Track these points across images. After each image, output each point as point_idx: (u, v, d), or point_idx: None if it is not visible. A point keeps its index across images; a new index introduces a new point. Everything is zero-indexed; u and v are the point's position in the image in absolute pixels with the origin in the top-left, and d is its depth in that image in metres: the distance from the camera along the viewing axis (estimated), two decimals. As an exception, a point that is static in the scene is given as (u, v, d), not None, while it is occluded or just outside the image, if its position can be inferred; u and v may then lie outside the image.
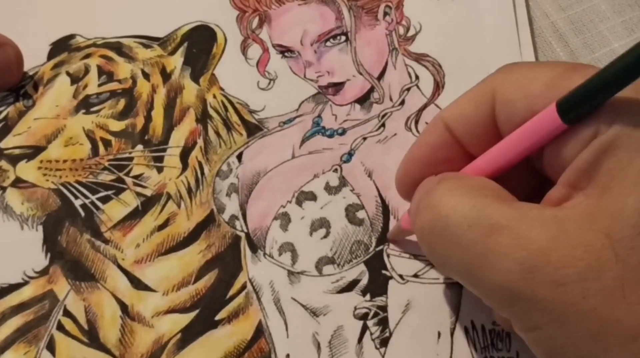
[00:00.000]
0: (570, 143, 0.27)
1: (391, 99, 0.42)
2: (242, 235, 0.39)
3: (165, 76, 0.44)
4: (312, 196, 0.39)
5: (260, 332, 0.37)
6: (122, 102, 0.43)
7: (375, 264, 0.38)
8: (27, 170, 0.41)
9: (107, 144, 0.42)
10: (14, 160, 0.42)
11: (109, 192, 0.41)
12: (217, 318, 0.38)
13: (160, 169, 0.41)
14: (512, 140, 0.29)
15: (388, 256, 0.38)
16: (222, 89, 0.44)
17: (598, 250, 0.25)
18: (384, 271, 0.38)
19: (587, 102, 0.26)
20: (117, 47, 0.45)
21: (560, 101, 0.27)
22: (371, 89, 0.43)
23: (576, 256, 0.25)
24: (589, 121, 0.27)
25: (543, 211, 0.27)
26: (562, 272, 0.25)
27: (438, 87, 0.42)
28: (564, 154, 0.28)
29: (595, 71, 0.26)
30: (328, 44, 0.43)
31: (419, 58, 0.43)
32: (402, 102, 0.42)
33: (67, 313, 0.38)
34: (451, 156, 0.32)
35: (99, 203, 0.41)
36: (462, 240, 0.27)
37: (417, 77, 0.43)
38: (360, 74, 0.43)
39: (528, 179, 0.32)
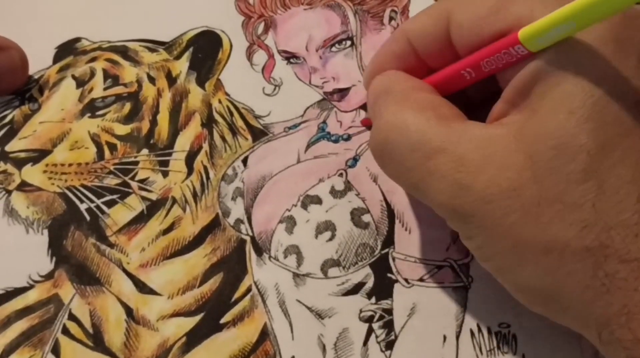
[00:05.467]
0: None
1: (396, 104, 0.42)
2: (248, 238, 0.39)
3: (171, 80, 0.44)
4: (318, 200, 0.39)
5: (265, 334, 0.37)
6: (127, 106, 0.43)
7: (381, 267, 0.38)
8: (33, 174, 0.41)
9: (112, 148, 0.42)
10: (19, 164, 0.42)
11: (114, 196, 0.41)
12: (222, 321, 0.38)
13: (165, 174, 0.41)
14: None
15: (393, 259, 0.38)
16: (227, 94, 0.44)
17: (520, 170, 0.27)
18: (389, 275, 0.38)
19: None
20: (123, 51, 0.45)
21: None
22: (376, 94, 0.43)
23: (502, 176, 0.27)
24: None
25: (480, 131, 0.29)
26: (489, 191, 0.28)
27: (444, 90, 0.42)
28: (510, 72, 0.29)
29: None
30: (333, 49, 0.43)
31: (425, 62, 0.43)
32: (408, 106, 0.42)
33: (72, 317, 0.38)
34: (411, 67, 0.34)
35: (104, 207, 0.41)
36: (406, 164, 0.30)
37: (422, 81, 0.43)
38: (366, 78, 0.43)
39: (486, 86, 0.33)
